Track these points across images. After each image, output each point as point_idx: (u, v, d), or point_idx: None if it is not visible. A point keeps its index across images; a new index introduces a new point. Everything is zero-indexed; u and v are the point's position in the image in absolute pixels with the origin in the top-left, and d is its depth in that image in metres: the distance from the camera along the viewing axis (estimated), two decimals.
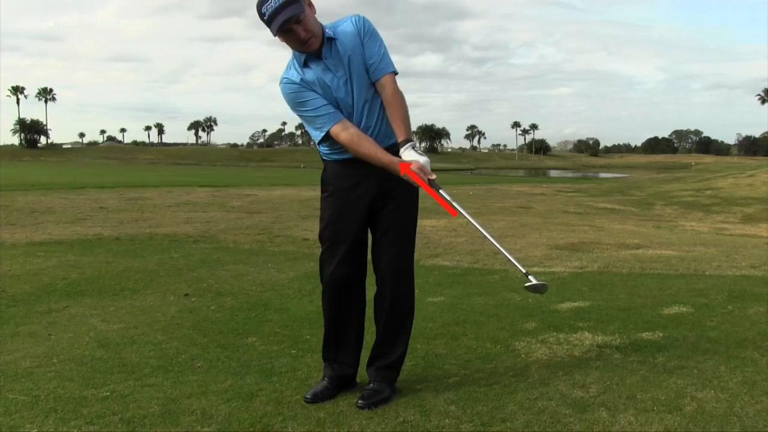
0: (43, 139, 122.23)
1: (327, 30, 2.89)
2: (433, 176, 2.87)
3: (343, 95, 2.92)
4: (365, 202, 2.99)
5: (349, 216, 3.02)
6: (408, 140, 2.91)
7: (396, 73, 2.98)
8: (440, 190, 2.89)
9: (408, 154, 2.89)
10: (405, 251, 3.09)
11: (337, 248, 3.04)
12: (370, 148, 2.87)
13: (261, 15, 2.76)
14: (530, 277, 2.97)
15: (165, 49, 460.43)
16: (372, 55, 2.91)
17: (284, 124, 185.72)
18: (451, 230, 9.93)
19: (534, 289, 2.97)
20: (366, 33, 2.91)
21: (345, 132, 2.88)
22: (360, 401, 2.93)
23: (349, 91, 2.92)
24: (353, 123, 2.93)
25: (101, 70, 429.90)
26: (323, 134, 2.92)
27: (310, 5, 2.85)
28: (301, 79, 2.91)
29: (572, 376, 3.22)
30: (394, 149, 2.94)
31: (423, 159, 2.87)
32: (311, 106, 2.91)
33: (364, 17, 2.96)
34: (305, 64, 2.91)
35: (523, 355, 3.61)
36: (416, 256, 3.29)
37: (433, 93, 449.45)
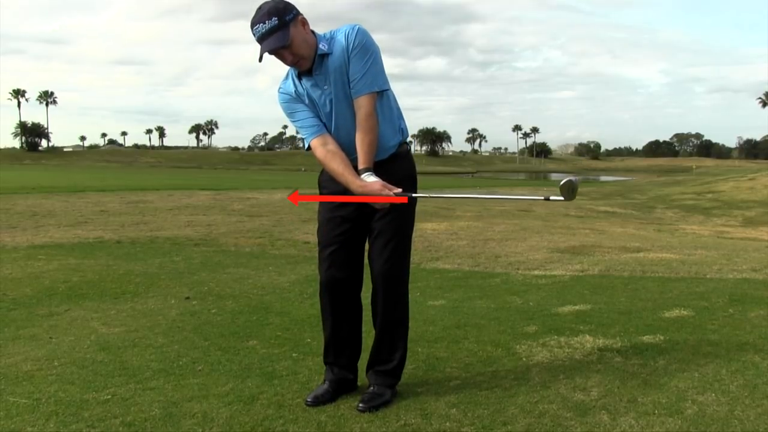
0: (44, 143, 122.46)
1: (321, 45, 2.87)
2: (398, 189, 2.86)
3: (328, 111, 2.96)
4: (355, 205, 2.99)
5: (338, 218, 3.05)
6: (367, 169, 2.89)
7: (383, 91, 2.93)
8: (413, 194, 2.95)
9: (368, 178, 2.88)
10: (396, 256, 3.05)
11: (329, 250, 3.07)
12: (338, 167, 2.91)
13: (253, 34, 2.80)
14: (552, 197, 2.84)
15: (169, 52, 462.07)
16: (354, 72, 2.87)
17: (285, 127, 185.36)
18: (452, 233, 9.93)
19: (569, 189, 2.71)
20: (354, 48, 2.85)
21: (321, 148, 2.96)
22: (361, 404, 2.94)
23: (332, 108, 2.95)
24: (336, 138, 2.97)
25: (104, 73, 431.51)
26: (307, 145, 3.03)
27: (304, 23, 2.84)
28: (294, 90, 2.98)
29: (573, 380, 3.23)
30: (391, 153, 3.02)
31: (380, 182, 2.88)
32: (298, 117, 3.01)
33: (358, 28, 2.89)
34: (299, 77, 2.96)
35: (524, 359, 3.62)
36: (417, 259, 3.30)
37: (436, 96, 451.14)
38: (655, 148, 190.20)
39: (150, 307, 5.01)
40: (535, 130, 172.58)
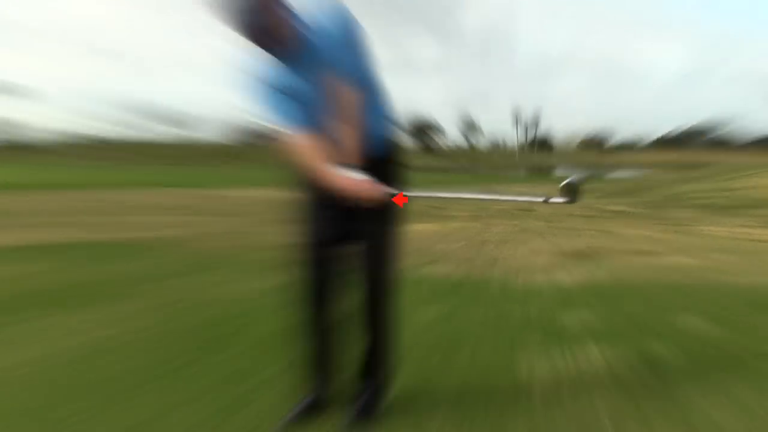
0: (17, 138, 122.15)
1: (306, 32, 2.84)
2: (388, 188, 2.87)
3: (313, 103, 2.95)
4: (341, 205, 2.97)
5: (323, 219, 3.07)
6: (354, 165, 2.88)
7: (371, 82, 2.94)
8: (402, 193, 2.95)
9: (355, 174, 2.88)
10: (384, 260, 3.05)
11: (312, 253, 3.10)
12: (324, 163, 2.89)
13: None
14: (551, 199, 2.92)
15: (150, 43, 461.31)
16: (341, 62, 2.85)
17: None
18: (445, 235, 9.93)
19: (571, 190, 2.76)
20: (341, 36, 2.83)
21: (306, 142, 2.93)
22: (349, 418, 2.94)
23: (318, 100, 2.94)
24: (322, 132, 2.95)
25: (81, 64, 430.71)
26: (291, 140, 3.00)
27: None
28: (279, 81, 2.96)
29: (578, 394, 3.22)
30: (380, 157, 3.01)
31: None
32: (282, 110, 2.98)
33: (346, 15, 2.84)
34: (284, 66, 2.94)
35: (524, 372, 3.61)
36: (408, 263, 3.27)
37: (430, 86, 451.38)
38: (669, 141, 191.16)
39: (128, 312, 4.99)
40: (536, 121, 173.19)
